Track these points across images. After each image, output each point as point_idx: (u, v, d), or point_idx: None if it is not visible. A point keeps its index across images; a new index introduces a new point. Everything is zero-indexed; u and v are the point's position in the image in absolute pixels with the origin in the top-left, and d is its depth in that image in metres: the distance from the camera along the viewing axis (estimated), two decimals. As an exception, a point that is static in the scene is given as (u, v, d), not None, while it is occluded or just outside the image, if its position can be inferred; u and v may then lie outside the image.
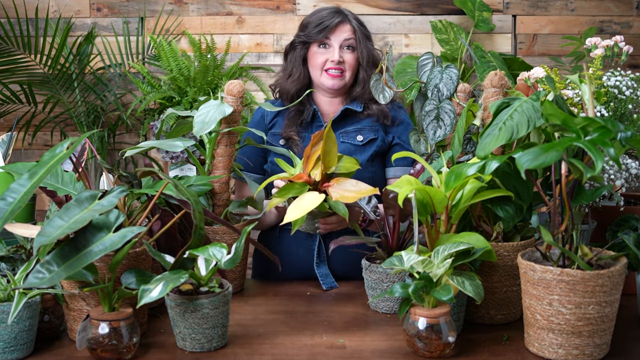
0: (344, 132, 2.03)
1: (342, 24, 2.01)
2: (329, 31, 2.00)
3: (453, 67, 1.70)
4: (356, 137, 2.02)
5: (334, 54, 1.99)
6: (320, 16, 2.02)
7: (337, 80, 2.01)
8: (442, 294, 1.28)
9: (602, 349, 1.30)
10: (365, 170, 1.99)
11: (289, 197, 1.60)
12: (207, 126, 1.66)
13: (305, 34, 2.03)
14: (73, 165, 1.56)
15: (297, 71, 2.05)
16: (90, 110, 3.33)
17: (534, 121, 1.28)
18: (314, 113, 2.05)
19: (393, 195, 1.55)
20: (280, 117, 2.08)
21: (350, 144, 2.02)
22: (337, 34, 2.00)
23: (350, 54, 2.02)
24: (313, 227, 1.74)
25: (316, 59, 2.02)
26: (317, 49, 2.02)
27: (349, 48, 2.01)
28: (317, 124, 2.05)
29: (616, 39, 1.66)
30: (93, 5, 3.46)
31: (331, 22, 2.00)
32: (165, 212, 1.49)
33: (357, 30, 2.02)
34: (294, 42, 2.07)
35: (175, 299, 1.34)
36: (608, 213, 1.72)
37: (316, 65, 2.02)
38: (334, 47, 2.00)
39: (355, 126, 2.04)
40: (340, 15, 2.02)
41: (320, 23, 2.00)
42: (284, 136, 2.03)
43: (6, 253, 1.51)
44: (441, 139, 1.65)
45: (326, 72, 2.01)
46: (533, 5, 3.51)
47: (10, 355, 1.30)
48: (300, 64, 2.05)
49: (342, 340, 1.43)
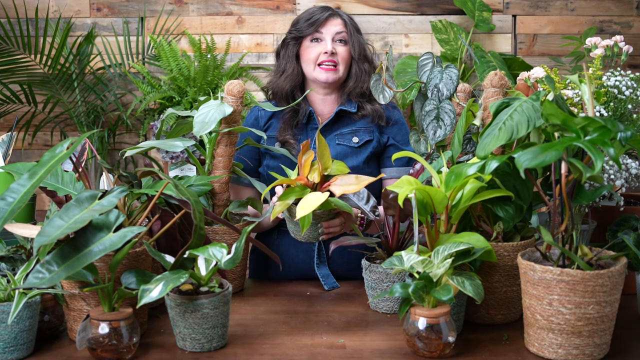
0: (340, 134, 2.03)
1: (333, 17, 2.02)
2: (319, 24, 2.00)
3: (453, 67, 1.70)
4: (352, 139, 2.02)
5: (326, 45, 1.99)
6: (310, 12, 2.03)
7: (331, 73, 2.00)
8: (442, 294, 1.28)
9: (602, 349, 1.30)
10: (361, 172, 1.96)
11: (291, 199, 1.62)
12: (207, 126, 1.66)
13: (297, 29, 2.03)
14: (73, 165, 1.56)
15: (290, 67, 2.04)
16: (90, 110, 3.34)
17: (533, 121, 1.28)
18: (310, 114, 2.04)
19: (393, 195, 1.55)
20: (275, 120, 2.07)
21: (346, 145, 2.02)
22: (328, 27, 2.00)
23: (343, 47, 2.01)
24: (316, 234, 1.73)
25: (309, 53, 2.01)
26: (310, 43, 2.01)
27: (341, 41, 2.01)
28: (313, 125, 2.04)
29: (616, 39, 1.66)
30: (93, 5, 3.46)
31: (321, 15, 2.00)
32: (165, 212, 1.49)
33: (347, 23, 2.03)
34: (286, 39, 2.07)
35: (175, 299, 1.34)
36: (608, 213, 1.72)
37: (309, 60, 2.01)
38: (326, 39, 2.00)
39: (350, 128, 2.04)
40: (330, 10, 2.03)
41: (310, 18, 2.01)
42: (279, 139, 2.01)
43: (6, 253, 1.51)
44: (441, 139, 1.65)
45: (319, 65, 2.00)
46: (533, 5, 3.51)
47: (10, 355, 1.30)
48: (293, 59, 2.04)
49: (342, 340, 1.43)
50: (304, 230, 1.63)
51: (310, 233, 1.72)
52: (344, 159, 1.96)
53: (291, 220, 1.71)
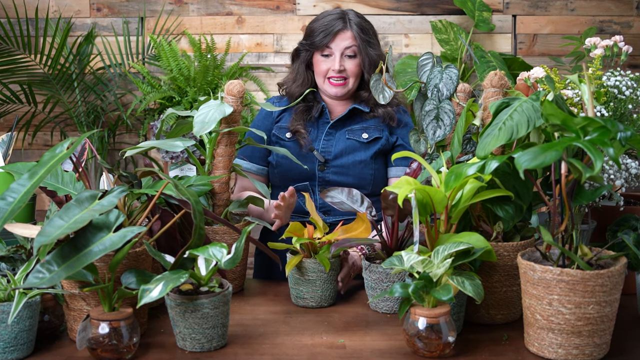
0: (350, 129, 2.08)
1: (343, 31, 2.04)
2: (329, 40, 2.04)
3: (453, 67, 1.70)
4: (362, 135, 2.06)
5: (335, 63, 2.04)
6: (322, 23, 2.06)
7: (340, 88, 2.06)
8: (442, 294, 1.28)
9: (602, 349, 1.30)
10: (367, 167, 2.04)
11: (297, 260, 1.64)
12: (207, 126, 1.67)
13: (308, 43, 2.08)
14: (73, 165, 1.56)
15: (301, 77, 2.11)
16: (90, 110, 3.33)
17: (533, 121, 1.28)
18: (322, 109, 2.10)
19: (393, 196, 1.55)
20: (287, 112, 2.13)
21: (355, 140, 2.06)
22: (337, 42, 2.04)
23: (352, 61, 2.05)
24: (334, 294, 1.68)
25: (319, 66, 2.07)
26: (320, 57, 2.07)
27: (350, 56, 2.05)
28: (324, 120, 2.10)
29: (616, 39, 1.66)
30: (93, 5, 3.46)
31: (332, 29, 2.03)
32: (165, 212, 1.49)
33: (357, 37, 2.05)
34: (299, 49, 2.12)
35: (175, 298, 1.34)
36: (608, 213, 1.72)
37: (320, 73, 2.08)
38: (335, 55, 2.04)
39: (362, 125, 2.09)
40: (342, 22, 2.04)
41: (322, 31, 2.04)
42: (290, 129, 2.07)
43: (6, 253, 1.51)
44: (440, 138, 1.65)
45: (329, 80, 2.06)
46: (533, 5, 3.51)
47: (10, 355, 1.30)
48: (304, 69, 2.11)
49: (342, 340, 1.43)
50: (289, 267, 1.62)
51: (327, 294, 1.65)
52: (352, 152, 2.04)
53: (303, 281, 1.65)
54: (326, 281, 1.64)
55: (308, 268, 1.63)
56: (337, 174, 2.04)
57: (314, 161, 2.04)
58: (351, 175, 2.04)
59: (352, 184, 1.96)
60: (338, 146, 2.05)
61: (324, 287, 1.64)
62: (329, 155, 2.04)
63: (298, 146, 2.05)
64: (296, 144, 2.05)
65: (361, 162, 2.04)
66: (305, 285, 1.64)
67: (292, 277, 1.66)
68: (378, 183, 2.07)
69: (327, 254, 1.64)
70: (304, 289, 1.65)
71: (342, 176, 2.04)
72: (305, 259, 1.64)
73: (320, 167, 2.04)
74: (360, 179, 2.04)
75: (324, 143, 2.05)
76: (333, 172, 2.04)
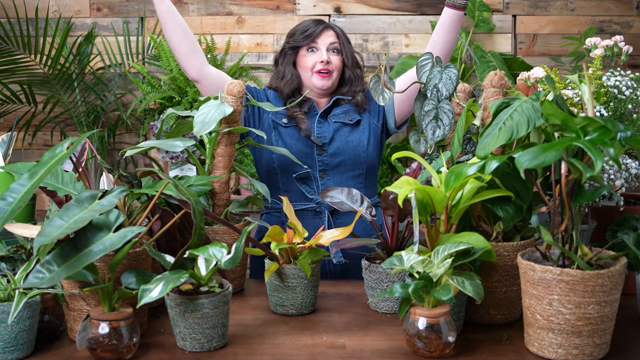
0: (334, 115, 2.20)
1: (327, 30, 2.21)
2: (315, 36, 2.18)
3: (452, 67, 1.70)
4: (345, 118, 2.19)
5: (322, 55, 2.16)
6: (305, 25, 2.23)
7: (326, 80, 2.17)
8: (442, 294, 1.28)
9: (602, 349, 1.30)
10: (360, 145, 2.15)
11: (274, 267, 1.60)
12: (207, 126, 1.67)
13: (294, 40, 2.21)
14: (73, 165, 1.56)
15: (288, 73, 2.22)
16: (90, 110, 3.34)
17: (533, 121, 1.28)
18: (311, 104, 2.22)
19: (393, 196, 1.55)
20: (279, 104, 2.23)
21: (341, 122, 2.18)
22: (323, 38, 2.19)
23: (336, 56, 2.20)
24: (314, 300, 1.63)
25: (305, 62, 2.18)
26: (306, 53, 2.20)
27: (334, 51, 2.19)
28: (313, 112, 2.21)
29: (616, 39, 1.66)
30: (93, 5, 3.46)
31: (317, 28, 2.19)
32: (165, 212, 1.49)
33: (340, 35, 2.22)
34: (284, 49, 2.25)
35: (175, 298, 1.34)
36: (608, 213, 1.72)
37: (306, 68, 2.19)
38: (322, 49, 2.18)
39: (342, 109, 2.21)
40: (323, 24, 2.23)
41: (306, 30, 2.20)
42: (288, 114, 2.17)
43: (6, 253, 1.51)
44: (440, 138, 1.65)
45: (317, 73, 2.17)
46: (533, 5, 3.51)
47: (10, 355, 1.30)
48: (291, 66, 2.23)
49: (342, 340, 1.43)
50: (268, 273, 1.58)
51: (306, 295, 1.60)
52: (343, 134, 2.15)
53: (282, 287, 1.59)
54: (307, 287, 1.59)
55: (288, 274, 1.58)
56: (334, 155, 2.13)
57: (312, 146, 2.12)
58: (347, 154, 2.14)
59: (348, 162, 2.12)
60: (330, 130, 2.15)
61: (304, 294, 1.59)
62: (325, 139, 2.14)
63: (296, 130, 2.14)
64: (294, 129, 2.14)
65: (352, 140, 2.15)
66: (285, 292, 1.59)
67: (271, 283, 1.60)
68: (372, 158, 2.17)
69: (308, 259, 1.59)
70: (283, 295, 1.59)
71: (339, 157, 2.14)
72: (285, 264, 1.58)
73: (319, 151, 2.13)
74: (355, 156, 2.15)
75: (318, 129, 2.15)
76: (330, 154, 2.13)
